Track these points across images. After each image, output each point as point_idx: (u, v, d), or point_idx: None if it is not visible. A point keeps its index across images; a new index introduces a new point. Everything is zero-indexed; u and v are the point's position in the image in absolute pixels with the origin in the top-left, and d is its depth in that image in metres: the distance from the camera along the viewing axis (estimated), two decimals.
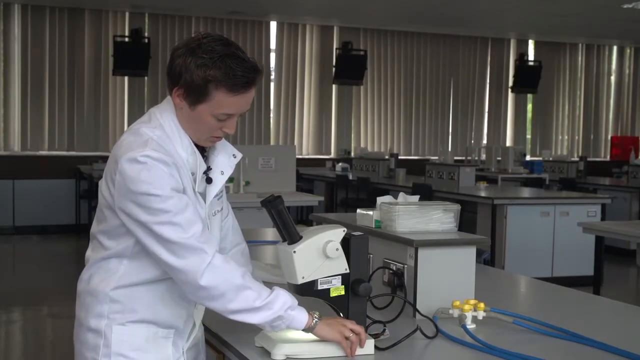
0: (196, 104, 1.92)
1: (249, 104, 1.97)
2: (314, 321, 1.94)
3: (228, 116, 1.95)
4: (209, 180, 2.03)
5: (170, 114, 1.99)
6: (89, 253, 2.07)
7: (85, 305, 2.03)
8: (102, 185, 1.98)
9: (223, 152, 2.08)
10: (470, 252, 2.45)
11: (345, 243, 2.00)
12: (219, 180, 2.05)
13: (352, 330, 1.94)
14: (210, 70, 1.88)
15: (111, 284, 1.99)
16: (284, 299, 1.92)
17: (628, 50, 15.95)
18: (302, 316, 1.94)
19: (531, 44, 15.16)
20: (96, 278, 2.02)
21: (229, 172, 2.07)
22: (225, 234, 2.23)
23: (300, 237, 1.99)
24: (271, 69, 13.37)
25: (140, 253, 1.96)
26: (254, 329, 2.03)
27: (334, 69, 13.35)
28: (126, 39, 11.85)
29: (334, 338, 1.94)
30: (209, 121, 1.94)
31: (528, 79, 14.54)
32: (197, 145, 2.02)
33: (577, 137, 15.68)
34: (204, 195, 2.03)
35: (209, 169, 2.05)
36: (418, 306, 2.34)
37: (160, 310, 2.01)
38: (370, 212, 2.63)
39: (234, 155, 2.11)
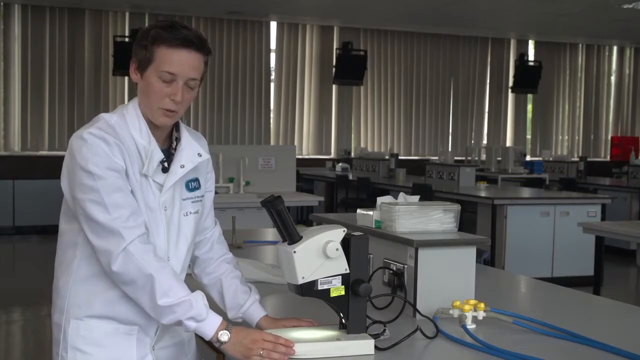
0: (145, 70, 2.00)
1: (193, 71, 2.00)
2: (219, 338, 1.93)
3: (171, 77, 1.98)
4: (164, 170, 2.05)
5: (134, 103, 2.07)
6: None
7: (53, 301, 2.11)
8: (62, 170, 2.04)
9: (188, 149, 2.11)
10: (471, 252, 2.45)
11: (346, 243, 2.00)
12: (177, 171, 2.07)
13: (264, 347, 1.92)
14: (152, 30, 1.99)
15: (70, 278, 2.04)
16: (187, 307, 1.92)
17: (628, 51, 15.95)
18: (205, 329, 1.94)
19: (531, 44, 15.16)
20: (58, 273, 2.09)
21: (189, 166, 2.09)
22: (211, 246, 2.26)
23: (301, 237, 1.99)
24: (271, 69, 13.38)
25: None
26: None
27: (334, 69, 13.35)
28: (126, 39, 11.85)
29: (238, 358, 1.95)
30: (156, 84, 1.99)
31: (528, 79, 14.55)
32: (169, 138, 2.09)
33: (577, 137, 15.69)
34: (162, 185, 2.05)
35: (168, 159, 2.07)
36: (418, 306, 2.34)
37: (118, 306, 2.02)
38: (371, 212, 2.62)
39: (199, 154, 2.13)
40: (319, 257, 1.97)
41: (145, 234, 1.97)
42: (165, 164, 2.05)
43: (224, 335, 1.93)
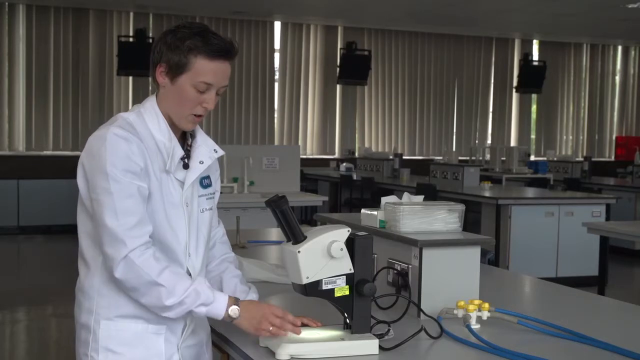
0: (177, 76, 2.01)
1: (226, 79, 2.06)
2: (230, 315, 1.99)
3: (207, 87, 2.01)
4: (185, 166, 2.08)
5: (151, 101, 2.09)
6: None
7: (77, 302, 2.10)
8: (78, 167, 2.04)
9: (204, 145, 2.16)
10: (475, 252, 2.45)
11: (350, 243, 2.00)
12: (197, 168, 2.10)
13: (273, 322, 1.99)
14: (188, 40, 2.00)
15: (95, 278, 2.04)
16: (194, 297, 1.97)
17: (633, 50, 15.92)
18: (216, 311, 1.99)
19: (535, 44, 15.14)
20: (83, 274, 2.08)
21: (208, 162, 2.13)
22: (214, 244, 2.29)
23: (305, 237, 1.99)
24: (275, 69, 13.38)
25: None
26: None
27: (338, 69, 13.34)
28: (130, 39, 11.87)
29: (250, 333, 2.02)
30: (190, 93, 2.01)
31: (532, 79, 14.52)
32: (183, 135, 2.12)
33: (581, 137, 15.66)
34: (183, 182, 2.08)
35: (187, 157, 2.10)
36: (422, 306, 2.34)
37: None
38: (375, 212, 2.62)
39: (215, 150, 2.18)
40: (324, 257, 1.98)
41: (149, 242, 1.98)
42: (185, 160, 2.08)
43: (234, 312, 1.99)
